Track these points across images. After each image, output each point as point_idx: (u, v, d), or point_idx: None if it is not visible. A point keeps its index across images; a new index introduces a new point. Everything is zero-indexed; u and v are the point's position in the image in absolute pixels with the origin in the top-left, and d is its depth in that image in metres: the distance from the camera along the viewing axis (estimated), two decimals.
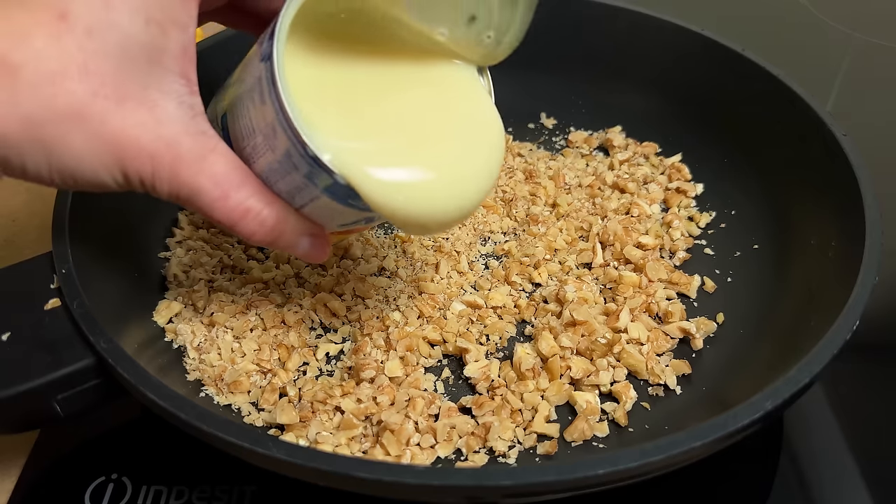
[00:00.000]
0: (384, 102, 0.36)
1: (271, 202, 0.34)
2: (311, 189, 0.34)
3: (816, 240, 0.44)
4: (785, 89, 0.49)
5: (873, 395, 0.45)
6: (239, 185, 0.33)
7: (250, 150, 0.34)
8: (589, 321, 0.43)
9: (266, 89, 0.32)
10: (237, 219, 0.33)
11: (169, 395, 0.33)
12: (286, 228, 0.35)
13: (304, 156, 0.32)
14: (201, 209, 0.33)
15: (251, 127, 0.34)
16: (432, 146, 0.36)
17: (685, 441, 0.31)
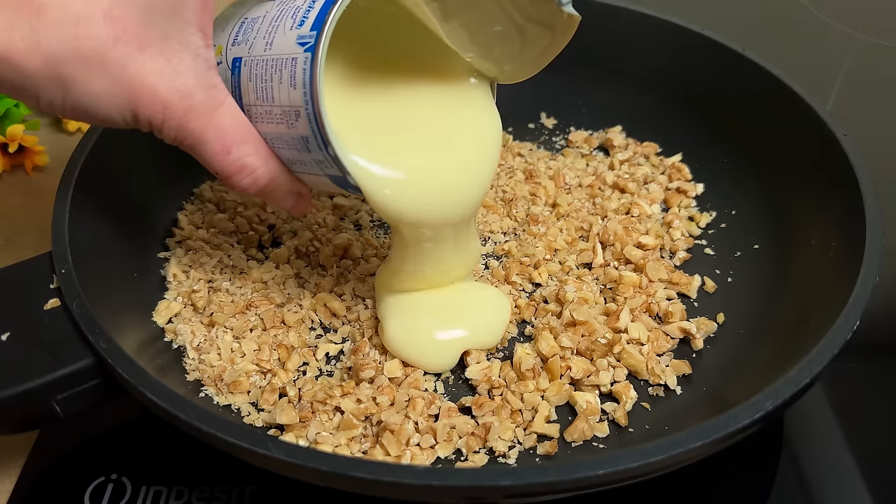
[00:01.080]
0: (397, 113, 0.40)
1: (267, 161, 0.37)
2: (314, 168, 0.37)
3: (816, 240, 0.44)
4: (785, 89, 0.49)
5: (873, 395, 0.45)
6: (241, 141, 0.35)
7: (261, 111, 0.36)
8: (589, 321, 0.43)
9: (302, 79, 0.34)
10: (233, 172, 0.36)
11: (169, 395, 0.33)
12: (277, 188, 0.38)
13: (322, 148, 0.35)
14: (202, 158, 0.36)
15: (270, 96, 0.36)
16: (432, 159, 0.39)
17: (685, 441, 0.31)
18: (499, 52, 0.39)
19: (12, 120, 0.56)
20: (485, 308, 0.45)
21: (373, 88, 0.40)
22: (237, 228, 0.50)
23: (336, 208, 0.52)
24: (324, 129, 0.34)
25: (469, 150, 0.40)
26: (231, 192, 0.53)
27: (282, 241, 0.50)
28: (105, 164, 0.46)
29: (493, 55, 0.40)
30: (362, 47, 0.40)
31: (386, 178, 0.37)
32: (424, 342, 0.42)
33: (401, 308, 0.43)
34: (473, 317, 0.44)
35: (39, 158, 0.57)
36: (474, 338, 0.43)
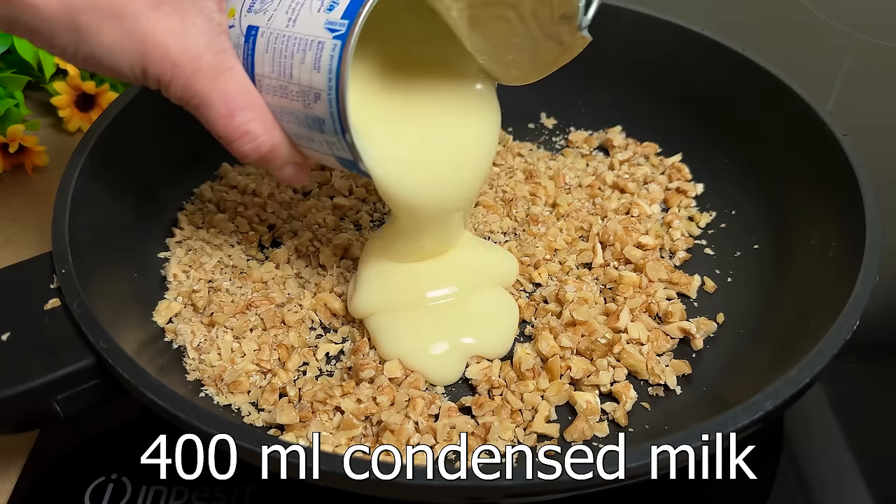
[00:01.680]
0: (406, 106, 0.42)
1: (270, 130, 0.37)
2: (322, 147, 0.38)
3: (816, 240, 0.44)
4: (785, 89, 0.49)
5: (873, 395, 0.45)
6: (245, 107, 0.36)
7: (274, 84, 0.37)
8: (589, 321, 0.43)
9: (328, 65, 0.35)
10: (235, 138, 0.36)
11: (169, 395, 0.33)
12: (277, 156, 0.38)
13: (338, 133, 0.36)
14: (205, 121, 0.36)
15: (288, 73, 0.36)
16: (437, 151, 0.42)
17: (685, 441, 0.31)
18: (510, 59, 0.41)
19: (12, 120, 0.56)
20: (491, 317, 0.45)
21: (384, 80, 0.42)
22: (237, 228, 0.50)
23: (336, 208, 0.52)
24: (345, 117, 0.35)
25: (471, 144, 0.43)
26: (231, 193, 0.53)
27: (282, 241, 0.50)
28: (105, 165, 0.46)
29: (504, 61, 0.41)
30: (377, 40, 0.40)
31: (394, 167, 0.39)
32: (425, 360, 0.42)
33: (397, 324, 0.43)
34: (480, 327, 0.44)
35: (39, 158, 0.57)
36: (481, 348, 0.43)
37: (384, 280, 0.45)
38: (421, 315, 0.44)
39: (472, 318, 0.44)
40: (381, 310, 0.44)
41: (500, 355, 0.43)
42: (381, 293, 0.45)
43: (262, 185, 0.53)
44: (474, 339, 0.43)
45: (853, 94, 0.67)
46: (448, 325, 0.44)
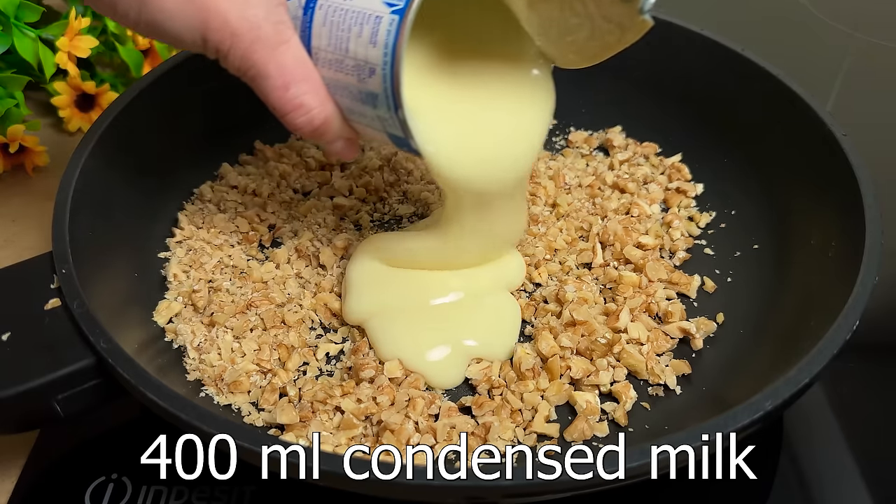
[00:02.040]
0: (460, 86, 0.42)
1: (324, 103, 0.38)
2: (374, 122, 0.38)
3: (816, 240, 0.44)
4: (785, 89, 0.49)
5: (873, 395, 0.45)
6: (301, 80, 0.37)
7: (330, 57, 0.37)
8: (589, 321, 0.43)
9: (385, 40, 0.35)
10: (289, 110, 0.37)
11: (169, 395, 0.33)
12: (329, 130, 0.39)
13: (390, 109, 0.36)
14: (261, 92, 0.37)
15: (345, 47, 0.37)
16: (489, 131, 0.42)
17: (685, 441, 0.31)
18: (568, 41, 0.40)
19: (13, 120, 0.56)
20: (494, 319, 0.45)
21: (438, 60, 0.42)
22: (237, 228, 0.50)
23: (336, 208, 0.52)
24: (398, 93, 0.35)
25: (522, 126, 0.43)
26: (231, 193, 0.53)
27: (282, 241, 0.50)
28: (105, 165, 0.46)
29: (562, 43, 0.41)
30: (433, 21, 0.40)
31: (444, 145, 0.39)
32: (426, 365, 0.42)
33: (396, 328, 0.43)
34: (482, 330, 0.44)
35: (40, 158, 0.57)
36: (484, 351, 0.43)
37: (382, 282, 0.45)
38: (421, 317, 0.44)
39: (474, 320, 0.44)
40: (377, 313, 0.44)
41: (503, 358, 0.43)
42: (379, 297, 0.44)
43: (262, 185, 0.53)
44: (476, 341, 0.43)
45: (853, 94, 0.67)
46: (449, 328, 0.43)
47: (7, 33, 0.54)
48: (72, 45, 0.55)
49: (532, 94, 0.43)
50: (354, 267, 0.46)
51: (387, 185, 0.54)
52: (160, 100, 0.51)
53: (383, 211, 0.53)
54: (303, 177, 0.55)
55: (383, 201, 0.54)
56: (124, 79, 0.64)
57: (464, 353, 0.43)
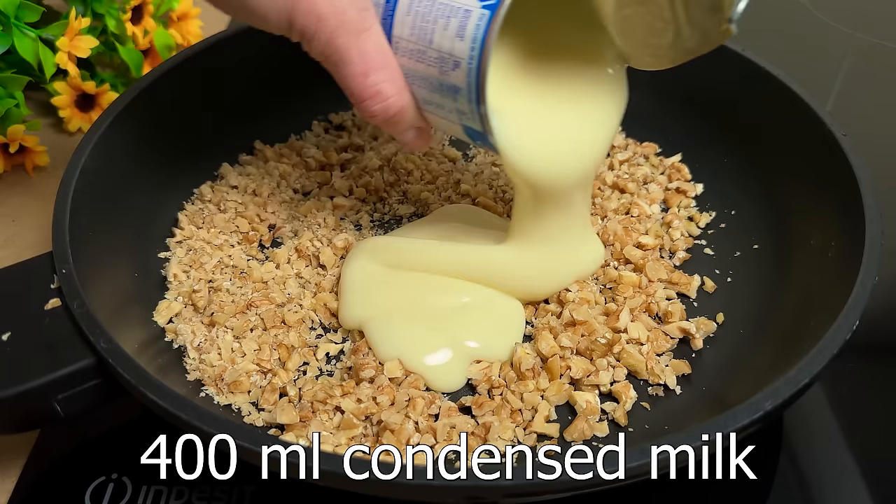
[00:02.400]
0: (538, 84, 0.42)
1: (400, 92, 0.38)
2: (450, 115, 0.39)
3: (816, 240, 0.44)
4: (785, 89, 0.49)
5: (873, 395, 0.45)
6: (380, 67, 0.37)
7: (411, 47, 0.38)
8: (589, 321, 0.43)
9: (473, 34, 0.35)
10: (367, 97, 0.38)
11: (169, 395, 0.33)
12: (403, 119, 0.39)
13: (472, 102, 0.37)
14: (340, 77, 0.38)
15: (429, 38, 0.37)
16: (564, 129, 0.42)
17: (685, 441, 0.31)
18: (649, 44, 0.41)
19: (13, 120, 0.56)
20: (496, 319, 0.45)
21: (518, 57, 0.42)
22: (237, 228, 0.50)
23: (336, 208, 0.52)
24: (483, 88, 0.36)
25: (596, 125, 0.43)
26: (232, 193, 0.53)
27: (282, 241, 0.50)
28: (105, 165, 0.46)
29: (642, 46, 0.41)
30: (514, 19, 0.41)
31: (521, 142, 0.40)
32: (427, 370, 0.42)
33: (395, 331, 0.43)
34: (484, 331, 0.44)
35: (40, 158, 0.57)
36: (485, 353, 0.43)
37: (379, 285, 0.45)
38: (420, 319, 0.44)
39: (477, 322, 0.44)
40: (375, 316, 0.44)
41: (504, 359, 0.43)
42: (377, 300, 0.44)
43: (262, 185, 0.53)
44: (479, 343, 0.43)
45: (853, 94, 0.67)
46: (450, 330, 0.43)
47: (7, 33, 0.54)
48: (72, 45, 0.55)
49: (606, 92, 0.43)
50: (350, 270, 0.46)
51: (387, 185, 0.54)
52: (160, 100, 0.51)
53: (383, 211, 0.53)
54: (303, 177, 0.55)
55: (383, 201, 0.54)
56: (124, 79, 0.64)
57: (465, 356, 0.42)
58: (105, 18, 0.60)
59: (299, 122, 0.59)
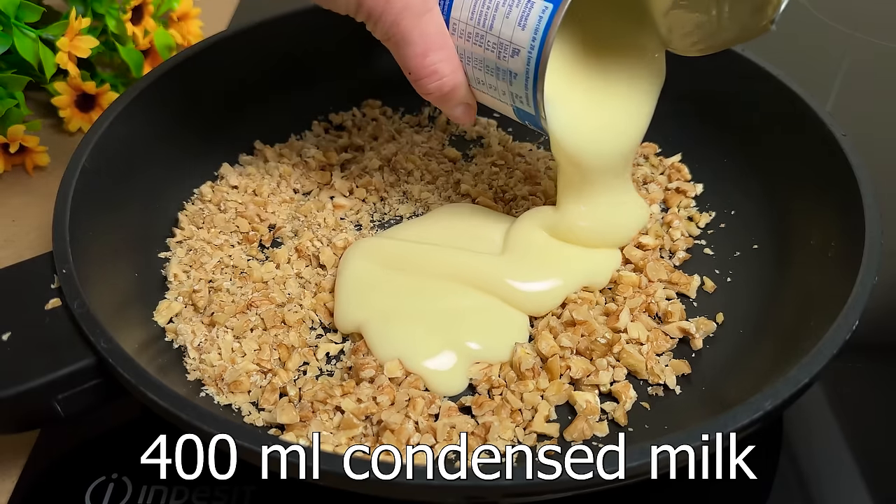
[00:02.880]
0: (587, 71, 0.45)
1: (455, 72, 0.41)
2: (502, 95, 0.41)
3: (816, 240, 0.44)
4: (785, 89, 0.49)
5: (873, 395, 0.45)
6: (438, 48, 0.40)
7: (470, 31, 0.40)
8: (589, 321, 0.43)
9: (535, 25, 0.38)
10: (425, 75, 0.40)
11: (169, 395, 0.33)
12: (455, 97, 0.42)
13: (528, 88, 0.39)
14: (401, 57, 0.40)
15: (489, 24, 0.39)
16: (605, 114, 0.45)
17: (684, 440, 0.31)
18: (692, 33, 0.43)
19: (13, 120, 0.56)
20: (498, 319, 0.44)
21: (568, 46, 0.44)
22: (237, 228, 0.50)
23: (336, 208, 0.52)
24: (542, 78, 0.38)
25: (638, 108, 0.46)
26: (232, 193, 0.53)
27: (282, 241, 0.50)
28: (105, 165, 0.46)
29: (685, 34, 0.43)
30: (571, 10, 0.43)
31: (570, 125, 0.43)
32: (429, 375, 0.41)
33: (394, 334, 0.43)
34: (486, 332, 0.43)
35: (40, 158, 0.57)
36: (487, 355, 0.43)
37: (378, 286, 0.45)
38: (421, 320, 0.43)
39: (480, 323, 0.44)
40: (373, 318, 0.43)
41: (505, 360, 0.43)
42: (375, 301, 0.44)
43: (262, 185, 0.53)
44: (482, 346, 0.43)
45: (853, 94, 0.67)
46: (452, 332, 0.43)
47: (7, 33, 0.54)
48: (72, 45, 0.55)
49: (648, 77, 0.46)
50: (347, 271, 0.46)
51: (387, 185, 0.54)
52: (160, 100, 0.51)
53: (383, 211, 0.53)
54: (303, 177, 0.55)
55: (383, 201, 0.54)
56: (124, 79, 0.64)
57: (468, 360, 0.42)
58: (105, 18, 0.60)
59: (299, 122, 0.59)
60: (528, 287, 0.45)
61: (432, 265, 0.46)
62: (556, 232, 0.48)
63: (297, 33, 0.57)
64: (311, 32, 0.57)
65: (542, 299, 0.45)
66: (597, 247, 0.48)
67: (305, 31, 0.57)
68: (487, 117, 0.60)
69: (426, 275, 0.46)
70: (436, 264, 0.46)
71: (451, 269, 0.46)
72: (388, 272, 0.46)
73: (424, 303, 0.44)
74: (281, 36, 0.56)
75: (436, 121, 0.60)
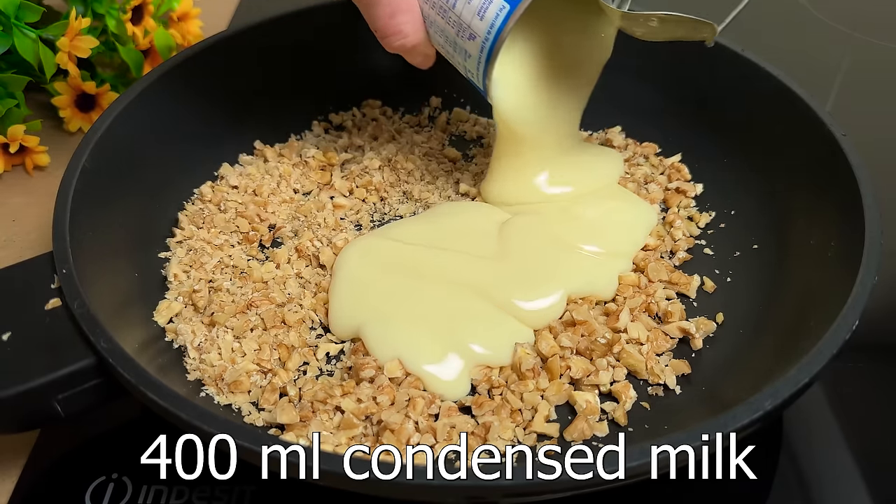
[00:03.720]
0: (535, 60, 0.48)
1: (417, 31, 0.45)
2: (457, 65, 0.45)
3: (816, 240, 0.44)
4: (785, 89, 0.49)
5: (873, 395, 0.45)
6: (405, 11, 0.44)
7: (436, 1, 0.43)
8: (589, 321, 0.43)
9: (492, 20, 0.41)
10: (389, 33, 0.44)
11: (169, 394, 0.33)
12: (416, 52, 0.46)
13: (478, 70, 0.43)
14: (370, 17, 0.44)
15: (451, 2, 0.42)
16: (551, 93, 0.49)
17: (684, 440, 0.31)
18: (644, 26, 0.44)
19: (13, 120, 0.56)
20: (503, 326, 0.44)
21: (520, 32, 0.45)
22: (237, 228, 0.50)
23: (336, 208, 0.52)
24: (492, 66, 0.42)
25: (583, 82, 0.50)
26: (232, 193, 0.53)
27: (282, 241, 0.50)
28: (105, 165, 0.46)
29: (639, 27, 0.45)
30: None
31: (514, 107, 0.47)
32: (433, 380, 0.41)
33: (394, 336, 0.42)
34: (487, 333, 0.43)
35: (40, 158, 0.57)
36: (490, 357, 0.42)
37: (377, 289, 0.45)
38: (422, 323, 0.43)
39: (483, 325, 0.43)
40: (372, 320, 0.43)
41: (506, 363, 0.43)
42: (373, 306, 0.44)
43: (262, 185, 0.53)
44: (486, 349, 0.42)
45: (853, 94, 0.67)
46: (454, 336, 0.43)
47: (7, 33, 0.54)
48: (72, 45, 0.55)
49: (594, 53, 0.49)
50: (343, 273, 0.46)
51: (387, 185, 0.54)
52: (160, 100, 0.51)
53: (383, 211, 0.53)
54: (303, 177, 0.55)
55: (383, 201, 0.54)
56: (124, 79, 0.64)
57: (471, 363, 0.42)
58: (105, 18, 0.60)
59: (299, 122, 0.59)
60: (533, 305, 0.44)
61: (431, 271, 0.46)
62: (486, 196, 0.52)
63: (297, 33, 0.57)
64: (312, 32, 0.57)
65: (545, 315, 0.44)
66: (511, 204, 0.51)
67: (305, 30, 0.57)
68: (488, 117, 0.60)
69: (424, 280, 0.45)
70: (434, 273, 0.46)
71: (451, 277, 0.45)
72: (384, 275, 0.46)
73: (424, 307, 0.44)
74: (281, 36, 0.56)
75: (436, 121, 0.60)
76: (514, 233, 0.48)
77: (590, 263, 0.47)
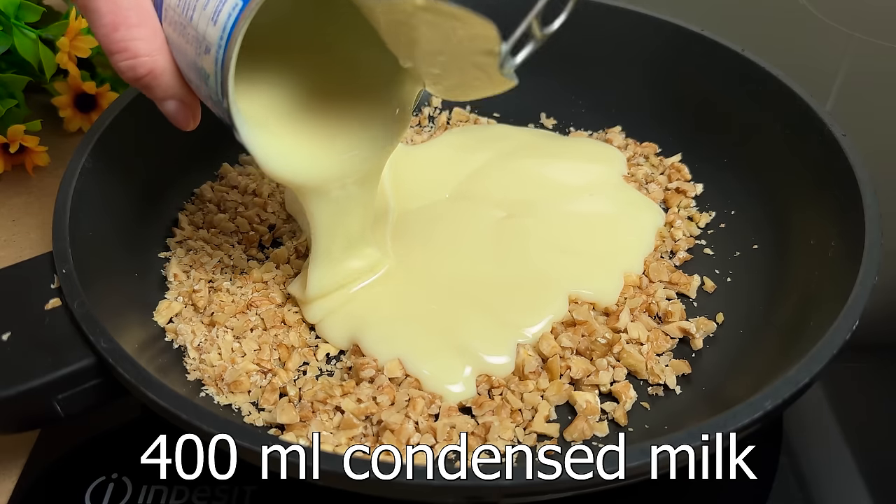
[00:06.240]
0: (304, 94, 0.40)
1: (154, 54, 0.35)
2: (208, 100, 0.36)
3: (816, 240, 0.44)
4: (785, 89, 0.49)
5: (873, 395, 0.45)
6: (134, 25, 0.35)
7: (176, 19, 0.35)
8: (589, 321, 0.43)
9: (224, 20, 0.33)
10: (113, 51, 0.35)
11: (169, 394, 0.33)
12: (156, 85, 0.36)
13: (219, 95, 0.34)
14: (91, 27, 0.35)
15: (190, 14, 0.34)
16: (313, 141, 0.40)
17: (685, 440, 0.31)
18: (436, 73, 0.38)
19: (13, 120, 0.56)
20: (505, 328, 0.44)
21: (298, 73, 0.40)
22: (237, 228, 0.50)
23: None
24: (227, 81, 0.33)
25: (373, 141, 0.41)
26: (232, 193, 0.53)
27: (282, 241, 0.50)
28: (105, 165, 0.46)
29: (430, 73, 0.39)
30: (290, 22, 0.39)
31: (269, 147, 0.38)
32: (436, 386, 0.41)
33: (394, 338, 0.42)
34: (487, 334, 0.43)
35: (40, 158, 0.57)
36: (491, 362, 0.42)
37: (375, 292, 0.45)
38: (423, 325, 0.43)
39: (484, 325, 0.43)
40: (371, 322, 0.43)
41: (511, 370, 0.42)
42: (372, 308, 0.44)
43: (263, 185, 0.53)
44: (487, 352, 0.42)
45: (853, 94, 0.67)
46: (452, 335, 0.42)
47: (7, 33, 0.54)
48: (72, 45, 0.55)
49: (385, 132, 0.41)
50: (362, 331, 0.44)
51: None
52: None
53: None
54: None
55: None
56: None
57: (476, 366, 0.42)
58: None
59: None
60: (533, 331, 0.43)
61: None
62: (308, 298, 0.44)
63: None
64: None
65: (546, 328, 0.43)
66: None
67: None
68: (487, 117, 0.60)
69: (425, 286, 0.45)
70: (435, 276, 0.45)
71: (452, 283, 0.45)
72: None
73: (425, 305, 0.44)
74: None
75: (436, 121, 0.60)
76: (515, 236, 0.48)
77: (596, 271, 0.46)
